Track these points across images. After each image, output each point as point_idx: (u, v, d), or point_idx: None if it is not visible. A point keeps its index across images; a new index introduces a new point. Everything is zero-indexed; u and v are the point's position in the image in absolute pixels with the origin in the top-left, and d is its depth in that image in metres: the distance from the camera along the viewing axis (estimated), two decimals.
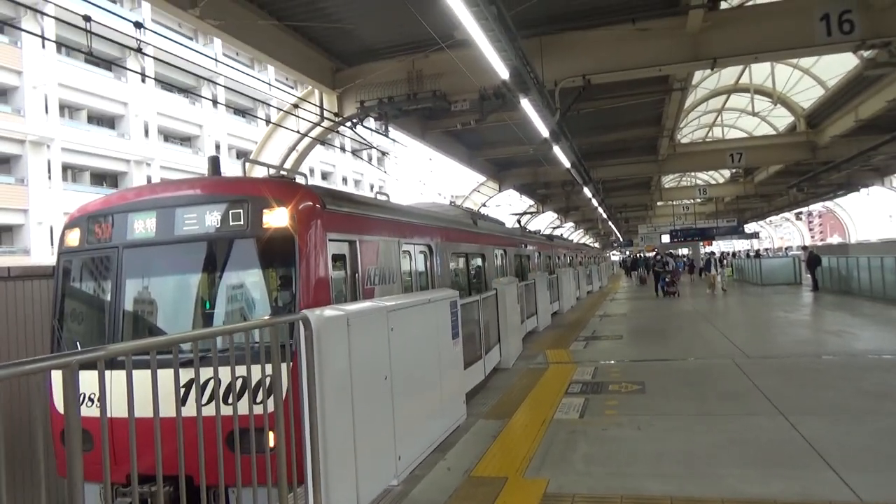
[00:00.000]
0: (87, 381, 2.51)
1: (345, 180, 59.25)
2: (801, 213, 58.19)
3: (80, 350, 2.54)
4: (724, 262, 24.43)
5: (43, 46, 31.39)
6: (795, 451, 5.13)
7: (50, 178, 32.70)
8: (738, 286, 27.47)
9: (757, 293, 23.02)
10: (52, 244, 31.26)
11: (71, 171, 35.44)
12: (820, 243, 78.94)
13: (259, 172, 12.37)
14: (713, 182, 40.44)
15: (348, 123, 13.67)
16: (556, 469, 5.02)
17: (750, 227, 54.71)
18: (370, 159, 56.34)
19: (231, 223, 5.80)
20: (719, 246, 76.32)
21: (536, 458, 5.33)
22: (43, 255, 30.59)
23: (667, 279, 23.54)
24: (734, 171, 34.50)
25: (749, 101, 22.78)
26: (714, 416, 6.42)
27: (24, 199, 31.61)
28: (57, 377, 2.40)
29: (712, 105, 25.69)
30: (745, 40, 11.17)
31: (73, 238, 6.27)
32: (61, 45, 17.01)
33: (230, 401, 3.29)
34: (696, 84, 20.42)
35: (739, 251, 71.35)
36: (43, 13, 23.50)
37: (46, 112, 32.53)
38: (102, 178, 37.55)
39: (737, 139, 27.03)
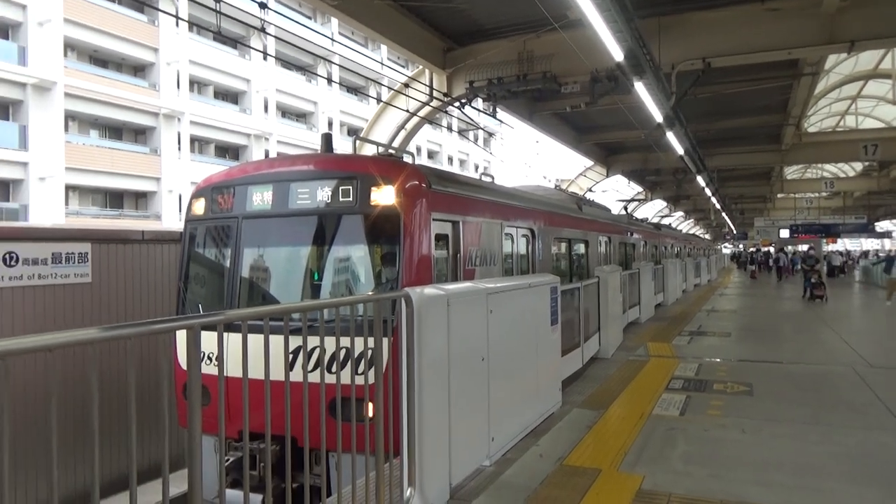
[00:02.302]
0: (207, 340, 2.69)
1: (450, 160, 59.71)
2: None
3: (202, 314, 2.73)
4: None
5: (177, 25, 33.59)
6: None
7: (179, 149, 35.12)
8: (863, 289, 25.41)
9: (884, 298, 21.18)
10: (180, 211, 33.69)
11: (198, 144, 37.89)
12: None
13: (369, 150, 12.72)
14: (842, 175, 37.41)
15: (457, 103, 13.74)
16: (652, 465, 4.89)
17: (881, 226, 50.31)
18: (476, 140, 56.43)
19: (340, 199, 6.00)
20: (845, 244, 70.73)
21: (632, 452, 5.21)
22: (172, 220, 33.03)
23: (813, 279, 19.68)
24: (867, 164, 31.74)
25: (890, 88, 20.80)
26: (829, 426, 6.00)
27: (157, 168, 34.17)
28: (181, 336, 2.59)
29: (846, 92, 23.68)
30: (889, 21, 10.19)
31: (199, 207, 6.71)
32: (193, 24, 18.11)
33: (334, 370, 3.44)
34: (829, 69, 18.87)
35: (867, 251, 65.87)
36: None
37: (178, 87, 34.87)
38: (225, 150, 39.92)
39: (873, 129, 24.84)
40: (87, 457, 7.20)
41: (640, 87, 9.96)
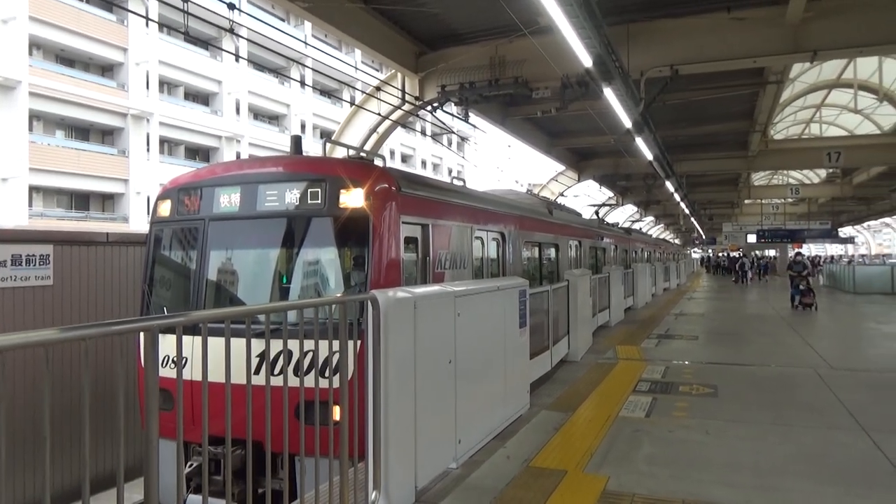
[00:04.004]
0: (172, 343, 2.65)
1: (424, 164, 59.71)
2: None
3: (161, 315, 2.70)
4: None
5: (146, 25, 33.10)
6: (877, 472, 4.84)
7: (148, 150, 34.56)
8: (828, 294, 26.02)
9: (848, 301, 21.73)
10: (148, 213, 33.11)
11: (167, 145, 37.34)
12: None
13: (340, 153, 12.67)
14: (807, 181, 38.27)
15: (429, 107, 13.75)
16: (617, 467, 4.94)
17: (845, 232, 51.58)
18: (450, 144, 56.54)
19: (309, 201, 5.97)
20: (810, 249, 72.30)
21: (598, 453, 5.26)
22: (140, 223, 32.47)
23: (801, 286, 18.21)
24: (831, 171, 32.54)
25: (852, 97, 21.36)
26: (790, 427, 6.14)
27: (125, 170, 33.59)
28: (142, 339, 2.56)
29: (811, 100, 24.23)
30: (851, 32, 10.46)
31: (165, 209, 6.61)
32: (163, 24, 17.86)
33: (299, 373, 3.42)
34: (794, 77, 19.29)
35: (833, 256, 67.44)
36: None
37: (147, 88, 34.32)
38: (196, 152, 39.39)
39: (836, 137, 25.43)
40: (42, 464, 7.02)
41: (609, 93, 10.08)
